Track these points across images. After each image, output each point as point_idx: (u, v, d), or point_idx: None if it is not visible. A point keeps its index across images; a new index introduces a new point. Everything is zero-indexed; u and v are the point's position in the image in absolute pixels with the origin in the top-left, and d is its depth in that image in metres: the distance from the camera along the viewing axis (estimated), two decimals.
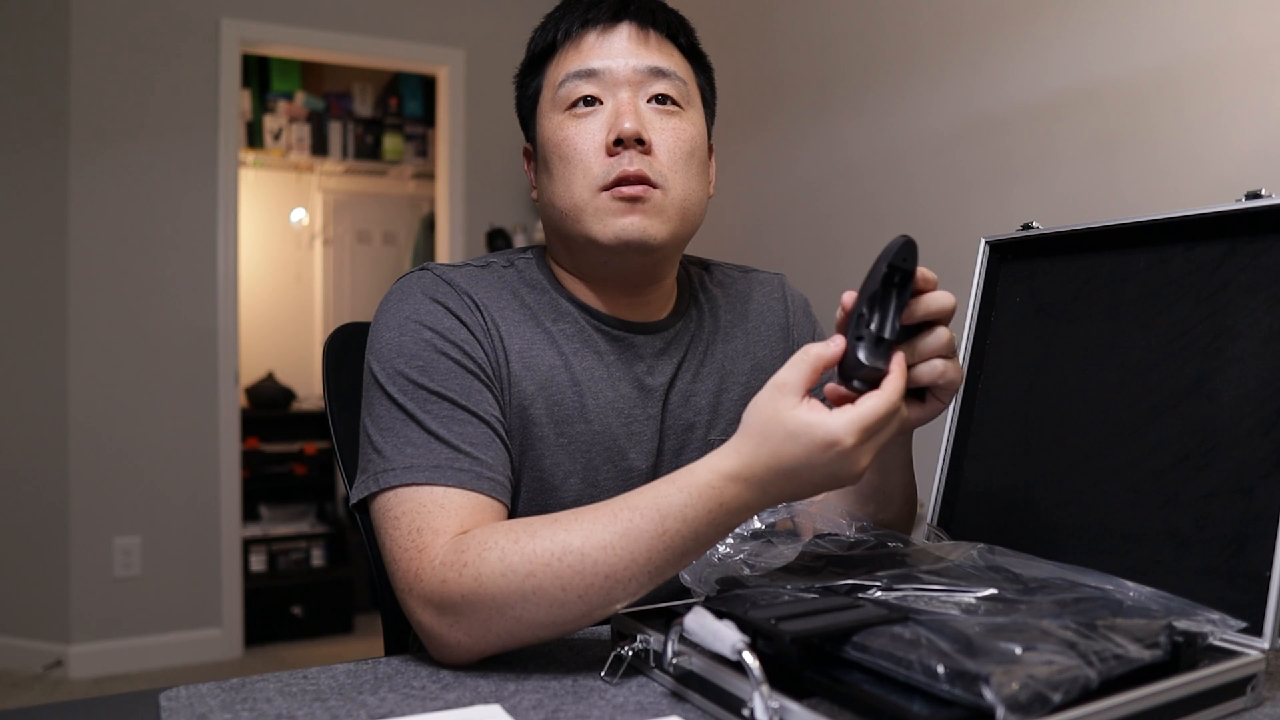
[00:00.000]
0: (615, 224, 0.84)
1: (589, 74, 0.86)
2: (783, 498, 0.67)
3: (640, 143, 0.84)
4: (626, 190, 0.84)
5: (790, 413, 0.64)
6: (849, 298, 0.68)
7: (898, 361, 0.66)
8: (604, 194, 0.84)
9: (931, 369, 0.71)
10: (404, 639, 1.01)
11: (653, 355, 0.92)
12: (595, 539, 0.68)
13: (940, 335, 0.71)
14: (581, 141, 0.85)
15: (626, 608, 0.74)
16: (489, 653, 0.72)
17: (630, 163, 0.83)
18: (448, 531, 0.74)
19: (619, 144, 0.84)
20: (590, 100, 0.86)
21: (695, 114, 0.90)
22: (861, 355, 0.65)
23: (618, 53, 0.86)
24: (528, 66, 0.93)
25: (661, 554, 0.67)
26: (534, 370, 0.87)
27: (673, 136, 0.86)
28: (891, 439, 0.68)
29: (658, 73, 0.87)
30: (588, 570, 0.67)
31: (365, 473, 0.80)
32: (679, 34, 0.90)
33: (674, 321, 0.95)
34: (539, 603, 0.68)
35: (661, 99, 0.87)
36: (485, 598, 0.69)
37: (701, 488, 0.67)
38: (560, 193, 0.86)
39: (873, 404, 0.64)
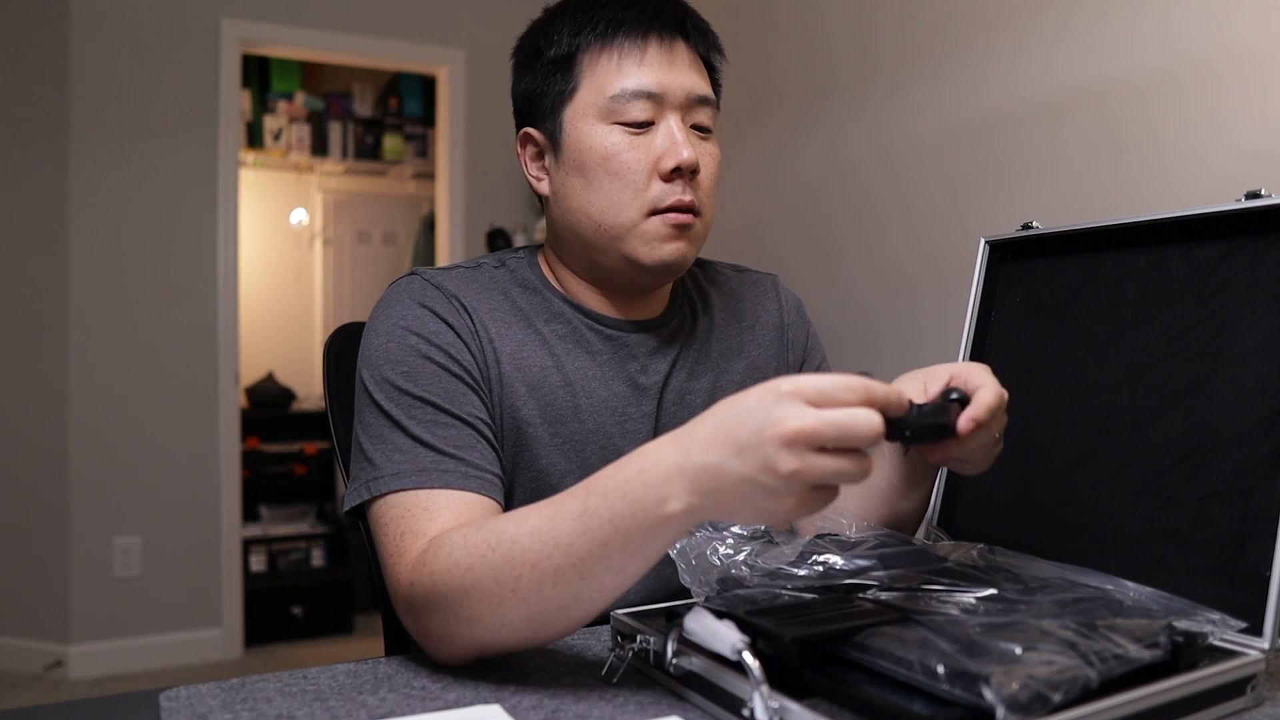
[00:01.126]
0: (662, 249, 0.86)
1: (650, 96, 0.85)
2: (708, 458, 0.57)
3: (694, 173, 0.86)
4: (676, 218, 0.85)
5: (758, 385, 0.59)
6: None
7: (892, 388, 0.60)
8: (654, 218, 0.85)
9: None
10: (404, 639, 1.01)
11: (646, 354, 0.93)
12: (527, 525, 0.65)
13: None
14: (635, 160, 0.85)
15: (625, 609, 0.74)
16: (466, 656, 0.70)
17: (685, 192, 0.85)
18: (428, 535, 0.74)
19: (676, 172, 0.85)
20: (643, 123, 0.86)
21: (715, 137, 0.92)
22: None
23: (678, 74, 0.86)
24: (563, 60, 0.87)
25: (582, 538, 0.62)
26: (525, 371, 0.87)
27: (711, 163, 0.89)
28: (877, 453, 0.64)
29: (703, 100, 0.88)
30: (516, 559, 0.64)
31: (357, 480, 0.81)
32: (717, 58, 0.92)
33: (667, 320, 0.95)
34: (479, 599, 0.66)
35: (701, 128, 0.89)
36: (438, 597, 0.68)
37: (631, 456, 0.62)
38: (604, 207, 0.86)
39: (830, 376, 0.57)
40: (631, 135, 0.85)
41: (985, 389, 0.68)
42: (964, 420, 0.66)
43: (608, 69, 0.85)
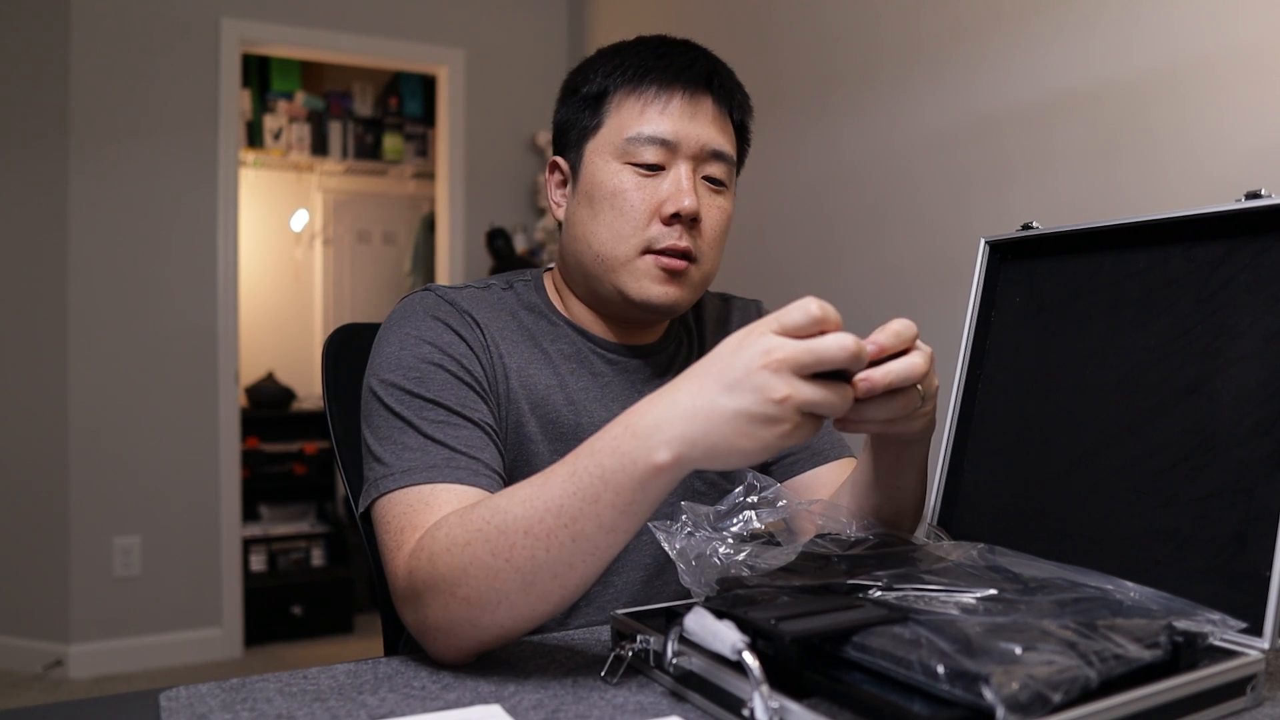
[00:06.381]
0: (651, 289, 0.89)
1: (664, 143, 0.88)
2: (696, 400, 0.60)
3: (694, 221, 0.88)
4: (669, 262, 0.88)
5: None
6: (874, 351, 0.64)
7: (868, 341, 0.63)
8: (648, 256, 0.88)
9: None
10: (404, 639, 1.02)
11: (643, 380, 0.96)
12: (519, 494, 0.67)
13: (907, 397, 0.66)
14: (639, 200, 0.88)
15: (625, 609, 0.74)
16: (467, 648, 0.70)
17: (681, 238, 0.88)
18: (426, 525, 0.74)
19: (675, 217, 0.87)
20: (654, 166, 0.89)
21: (732, 190, 0.95)
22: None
23: (697, 126, 0.89)
24: (594, 98, 0.91)
25: (573, 498, 0.63)
26: (530, 388, 0.90)
27: (718, 214, 0.91)
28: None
29: (718, 155, 0.90)
30: (509, 528, 0.65)
31: (368, 481, 0.82)
32: (743, 117, 0.95)
33: (664, 346, 0.99)
34: (476, 574, 0.66)
35: (713, 180, 0.91)
36: (438, 579, 0.68)
37: (619, 416, 0.64)
38: (604, 239, 0.89)
39: (790, 309, 0.60)
40: (641, 177, 0.88)
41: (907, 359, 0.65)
42: (858, 378, 0.62)
43: (631, 112, 0.89)
